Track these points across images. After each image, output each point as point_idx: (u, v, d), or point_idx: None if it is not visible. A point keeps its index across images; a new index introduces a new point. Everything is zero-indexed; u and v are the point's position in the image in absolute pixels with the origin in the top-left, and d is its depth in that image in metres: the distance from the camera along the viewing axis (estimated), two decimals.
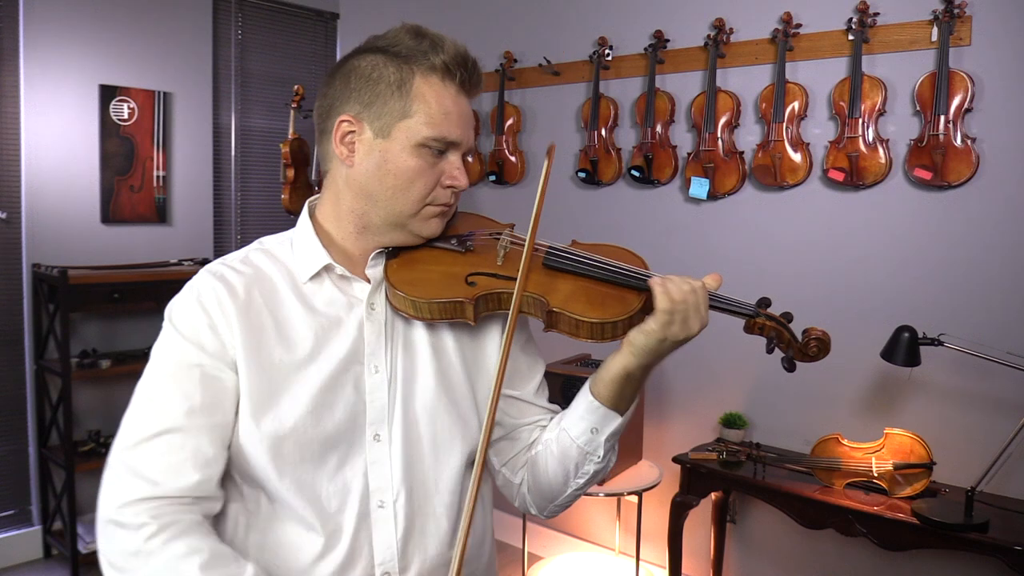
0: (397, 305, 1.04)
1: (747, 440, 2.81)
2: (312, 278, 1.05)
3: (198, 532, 0.93)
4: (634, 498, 2.93)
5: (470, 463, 1.10)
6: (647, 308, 1.03)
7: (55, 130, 3.31)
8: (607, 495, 2.85)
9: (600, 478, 1.11)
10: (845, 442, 2.45)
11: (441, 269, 1.06)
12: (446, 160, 1.04)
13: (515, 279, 1.03)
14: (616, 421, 1.05)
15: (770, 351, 1.06)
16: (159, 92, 3.58)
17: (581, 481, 1.09)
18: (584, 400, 1.06)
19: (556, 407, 1.19)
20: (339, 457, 1.01)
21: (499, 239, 1.11)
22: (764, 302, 1.06)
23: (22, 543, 3.33)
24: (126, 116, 3.49)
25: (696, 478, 2.68)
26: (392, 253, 1.09)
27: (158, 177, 3.62)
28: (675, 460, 2.74)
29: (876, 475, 2.37)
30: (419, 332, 1.08)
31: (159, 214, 3.63)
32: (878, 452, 2.38)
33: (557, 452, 1.08)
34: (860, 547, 2.61)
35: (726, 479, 2.65)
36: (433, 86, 1.02)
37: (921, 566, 2.56)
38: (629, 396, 1.05)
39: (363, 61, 1.03)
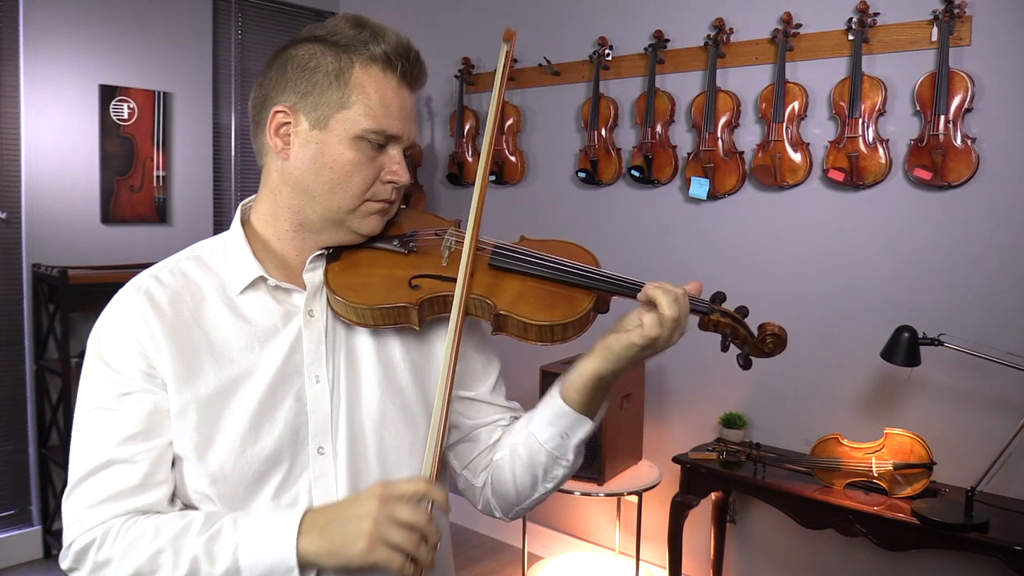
0: (339, 311, 1.00)
1: (747, 440, 2.82)
2: (245, 289, 1.00)
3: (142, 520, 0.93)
4: (634, 498, 2.93)
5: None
6: (598, 307, 1.01)
7: (55, 130, 3.31)
8: (607, 495, 2.85)
9: (564, 481, 1.08)
10: (845, 442, 2.45)
11: (383, 272, 1.01)
12: (386, 154, 1.00)
13: (464, 279, 0.99)
14: (587, 426, 1.02)
15: (725, 348, 1.02)
16: (159, 92, 3.58)
17: (549, 486, 1.07)
18: (554, 404, 1.02)
19: (516, 404, 1.16)
20: (282, 474, 0.97)
21: (443, 238, 1.06)
22: (718, 297, 1.02)
23: (22, 543, 3.33)
24: (126, 116, 3.49)
25: (696, 478, 2.68)
26: (332, 256, 1.04)
27: (158, 177, 3.62)
28: (675, 460, 2.74)
29: (876, 475, 2.37)
30: (363, 338, 1.03)
31: (159, 214, 3.63)
32: (878, 452, 2.38)
33: (525, 457, 1.05)
34: (860, 547, 2.61)
35: (726, 479, 2.65)
36: (373, 76, 0.98)
37: (921, 566, 2.56)
38: (599, 400, 1.02)
39: (300, 50, 0.99)
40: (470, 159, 3.68)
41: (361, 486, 0.99)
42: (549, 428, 1.02)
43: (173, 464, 0.96)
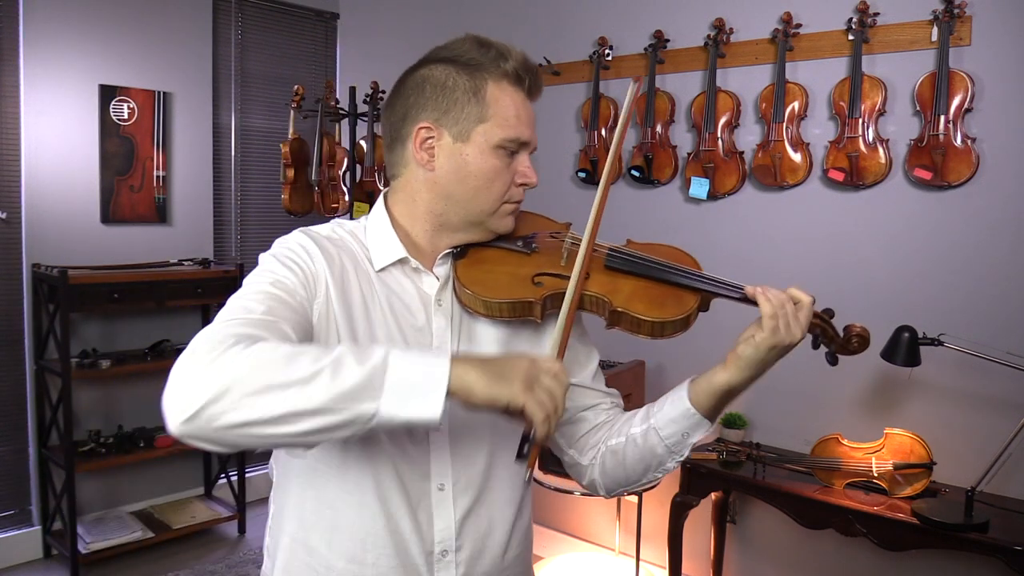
0: (467, 303, 1.09)
1: (747, 440, 2.81)
2: (385, 268, 1.09)
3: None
4: (634, 498, 2.93)
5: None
6: (703, 307, 1.11)
7: (55, 130, 3.31)
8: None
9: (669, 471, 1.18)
10: (845, 442, 2.45)
11: (508, 270, 1.11)
12: (518, 160, 1.11)
13: (578, 279, 1.09)
14: (706, 428, 1.11)
15: (816, 347, 1.15)
16: (159, 92, 3.58)
17: (659, 475, 1.15)
18: (681, 406, 1.10)
19: (614, 391, 1.26)
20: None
21: (561, 240, 1.18)
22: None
23: (22, 543, 3.33)
24: (126, 116, 3.49)
25: (696, 478, 2.68)
26: (459, 253, 1.14)
27: (158, 177, 3.62)
28: None
29: (876, 475, 2.37)
30: (483, 326, 1.13)
31: (159, 214, 3.63)
32: (878, 452, 2.38)
33: (642, 447, 1.13)
34: (860, 547, 2.61)
35: (726, 479, 2.65)
36: (505, 91, 1.08)
37: (921, 566, 2.56)
38: (724, 407, 1.11)
39: (435, 71, 1.09)
40: None
41: (469, 464, 1.09)
42: (672, 425, 1.10)
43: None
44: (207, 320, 3.18)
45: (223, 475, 3.79)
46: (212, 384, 0.79)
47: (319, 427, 0.81)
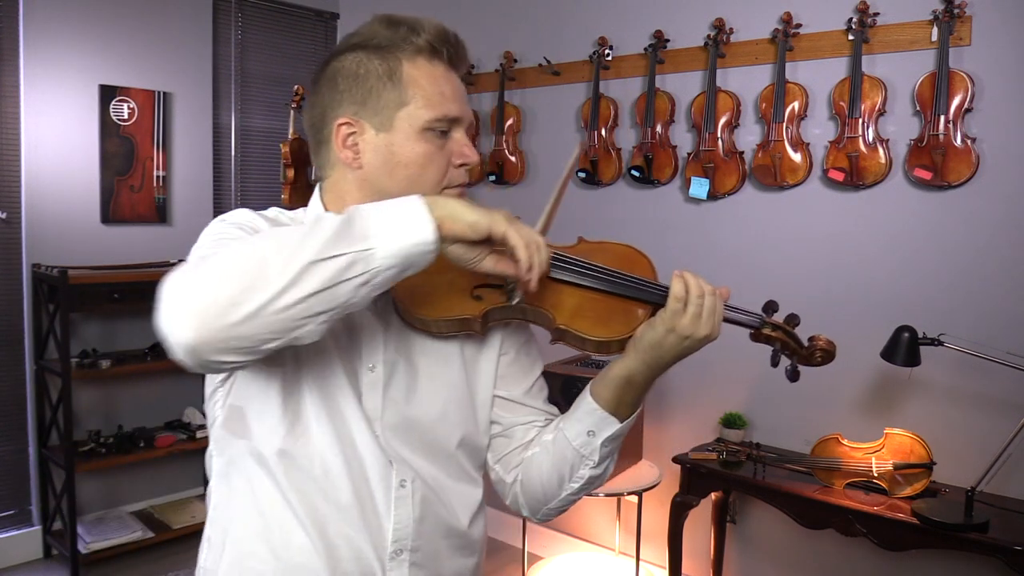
0: (406, 319, 1.03)
1: (747, 440, 2.81)
2: None
3: None
4: (634, 498, 2.93)
5: (474, 467, 1.12)
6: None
7: (55, 130, 3.31)
8: (607, 495, 2.85)
9: (597, 485, 1.09)
10: (845, 442, 2.45)
11: (447, 279, 1.02)
12: (451, 139, 1.03)
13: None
14: (614, 426, 1.03)
15: (775, 363, 1.05)
16: (159, 92, 3.58)
17: (575, 486, 1.07)
18: (584, 402, 1.05)
19: (554, 408, 1.18)
20: None
21: None
22: (771, 307, 1.04)
23: (22, 543, 3.33)
24: (126, 116, 3.49)
25: (696, 478, 2.68)
26: None
27: (158, 177, 3.62)
28: (675, 460, 2.74)
29: (876, 475, 2.37)
30: (419, 335, 1.06)
31: (159, 214, 3.63)
32: (878, 452, 2.38)
33: (553, 453, 1.07)
34: (860, 547, 2.61)
35: (726, 479, 2.65)
36: (422, 68, 1.00)
37: (921, 566, 2.56)
38: (629, 402, 1.03)
39: (345, 61, 1.01)
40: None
41: (404, 466, 1.02)
42: (577, 424, 1.04)
43: None
44: None
45: None
46: (214, 280, 0.76)
47: (329, 278, 0.77)
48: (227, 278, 0.76)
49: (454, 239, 0.85)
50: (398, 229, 0.81)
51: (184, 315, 0.75)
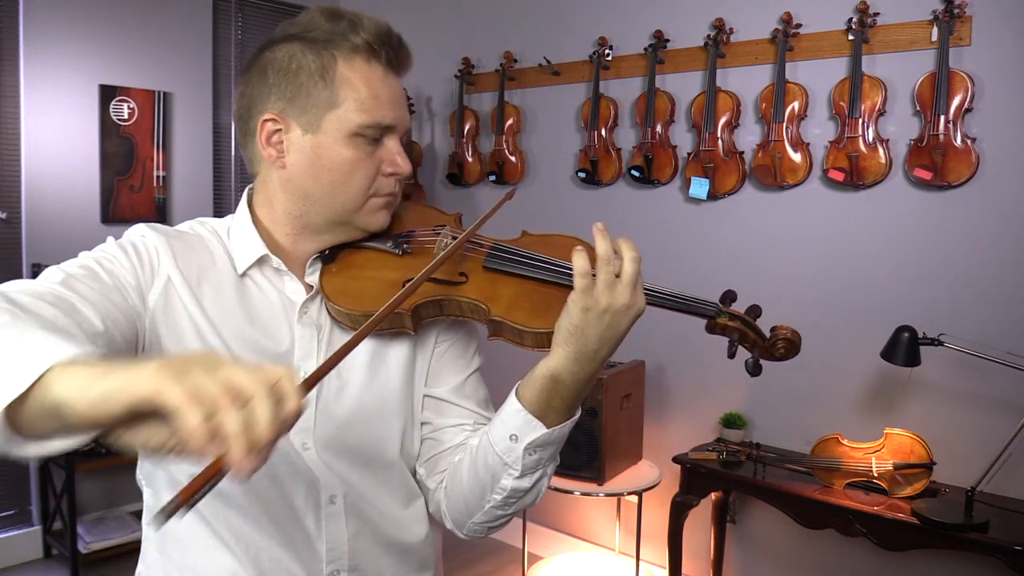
0: (334, 316, 0.97)
1: (747, 440, 2.81)
2: (248, 270, 0.97)
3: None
4: (634, 498, 2.93)
5: (408, 471, 1.05)
6: None
7: (55, 130, 3.31)
8: (607, 495, 2.85)
9: (527, 501, 0.96)
10: (845, 442, 2.45)
11: (378, 276, 0.97)
12: (383, 147, 0.96)
13: (456, 283, 0.95)
14: (538, 431, 0.90)
15: (732, 355, 0.95)
16: (159, 92, 3.58)
17: (497, 497, 0.95)
18: (509, 402, 0.93)
19: (491, 411, 1.07)
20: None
21: (440, 237, 1.01)
22: (728, 297, 0.95)
23: (22, 543, 3.33)
24: (126, 116, 3.49)
25: (696, 478, 2.68)
26: (328, 256, 1.01)
27: (158, 177, 3.62)
28: (675, 460, 2.74)
29: (876, 475, 2.37)
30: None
31: (159, 214, 3.63)
32: (878, 452, 2.38)
33: (475, 458, 0.96)
34: (860, 547, 2.61)
35: (726, 479, 2.65)
36: (358, 69, 0.93)
37: (921, 566, 2.56)
38: (559, 407, 0.90)
39: (279, 52, 0.95)
40: (470, 159, 3.68)
41: (335, 481, 0.97)
42: (501, 427, 0.92)
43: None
44: None
45: None
46: None
47: None
48: None
49: (95, 424, 0.57)
50: None
51: None
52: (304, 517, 0.95)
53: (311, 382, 0.63)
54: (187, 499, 0.54)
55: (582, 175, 3.27)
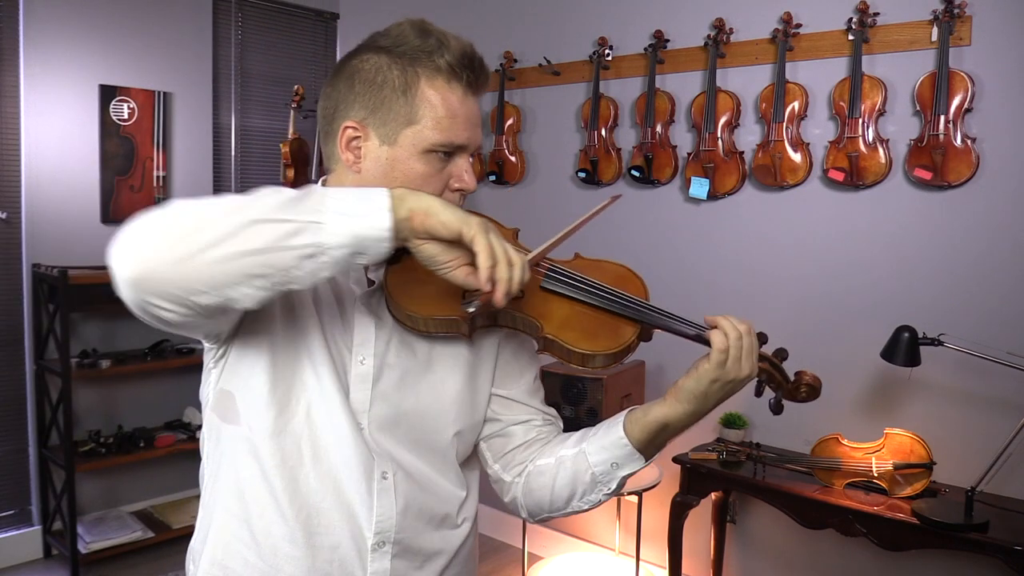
0: (393, 312, 1.03)
1: (747, 440, 2.82)
2: None
3: None
4: (634, 498, 2.93)
5: (463, 462, 1.13)
6: (641, 337, 1.03)
7: (55, 130, 3.31)
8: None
9: (599, 505, 1.11)
10: (845, 442, 2.45)
11: (439, 281, 1.00)
12: (453, 163, 1.02)
13: (514, 298, 0.99)
14: (639, 464, 1.05)
15: (759, 393, 1.06)
16: (159, 92, 3.58)
17: (584, 506, 1.09)
18: (614, 433, 1.05)
19: (551, 410, 1.20)
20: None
21: None
22: (760, 338, 1.03)
23: (22, 543, 3.33)
24: (126, 116, 3.49)
25: (696, 478, 2.68)
26: (394, 258, 1.04)
27: (158, 177, 3.62)
28: (675, 460, 2.74)
29: (876, 475, 2.37)
30: (412, 335, 1.06)
31: None
32: (878, 452, 2.38)
33: (571, 471, 1.07)
34: (860, 547, 2.61)
35: (726, 479, 2.65)
36: (439, 89, 0.99)
37: (921, 566, 2.56)
38: (659, 444, 1.05)
39: (367, 63, 1.00)
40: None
41: (386, 459, 1.02)
42: (603, 452, 1.05)
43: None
44: None
45: None
46: (167, 221, 0.78)
47: (270, 240, 0.78)
48: (177, 221, 0.78)
49: (426, 234, 0.84)
50: (354, 211, 0.81)
51: (129, 249, 0.77)
52: (358, 488, 1.01)
53: (533, 261, 0.94)
54: (480, 307, 0.90)
55: (582, 175, 3.27)
